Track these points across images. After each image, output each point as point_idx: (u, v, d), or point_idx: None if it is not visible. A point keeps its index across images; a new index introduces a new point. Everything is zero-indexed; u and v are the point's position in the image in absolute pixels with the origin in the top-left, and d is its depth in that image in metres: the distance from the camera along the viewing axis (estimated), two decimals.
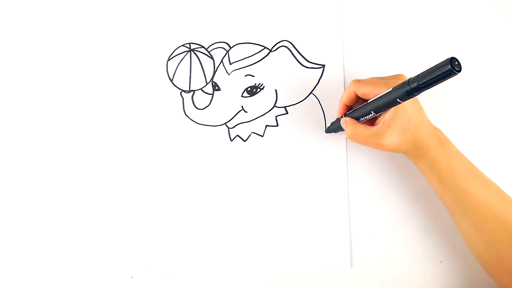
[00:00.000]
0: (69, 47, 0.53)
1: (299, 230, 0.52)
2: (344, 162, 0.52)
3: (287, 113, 0.53)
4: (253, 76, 0.53)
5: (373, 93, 0.43)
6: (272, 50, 0.53)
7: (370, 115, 0.44)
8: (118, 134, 0.53)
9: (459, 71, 0.33)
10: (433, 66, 0.35)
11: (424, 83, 0.36)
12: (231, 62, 0.53)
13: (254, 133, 0.53)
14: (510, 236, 0.43)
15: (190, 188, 0.52)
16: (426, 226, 0.46)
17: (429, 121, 0.45)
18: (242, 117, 0.53)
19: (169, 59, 0.53)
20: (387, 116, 0.43)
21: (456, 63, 0.33)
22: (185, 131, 0.53)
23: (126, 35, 0.53)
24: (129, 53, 0.53)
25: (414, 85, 0.37)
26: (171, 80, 0.53)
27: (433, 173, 0.45)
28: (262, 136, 0.53)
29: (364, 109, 0.44)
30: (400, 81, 0.41)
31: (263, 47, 0.53)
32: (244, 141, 0.53)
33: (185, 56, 0.53)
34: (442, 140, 0.45)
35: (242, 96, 0.53)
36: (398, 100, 0.39)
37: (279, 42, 0.53)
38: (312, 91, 0.53)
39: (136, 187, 0.52)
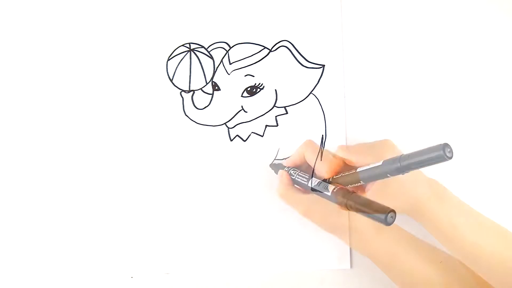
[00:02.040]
0: (69, 47, 0.53)
1: (299, 229, 0.52)
2: None
3: (287, 113, 0.53)
4: (253, 76, 0.53)
5: (360, 162, 0.43)
6: (272, 50, 0.53)
7: (359, 183, 0.43)
8: (118, 134, 0.53)
9: (451, 157, 0.34)
10: (426, 148, 0.35)
11: (415, 162, 0.36)
12: (231, 62, 0.53)
13: (254, 133, 0.53)
14: None
15: (190, 188, 0.52)
16: None
17: (424, 177, 0.44)
18: (242, 117, 0.53)
19: (169, 59, 0.53)
20: (377, 183, 0.42)
21: (449, 149, 0.33)
22: (185, 131, 0.53)
23: (126, 35, 0.53)
24: (129, 53, 0.53)
25: (405, 163, 0.37)
26: (171, 80, 0.53)
27: (436, 231, 0.44)
28: (262, 136, 0.53)
29: (352, 178, 0.43)
30: (386, 148, 0.41)
31: (263, 47, 0.53)
32: (244, 141, 0.53)
33: (185, 56, 0.53)
34: (439, 194, 0.44)
35: (242, 96, 0.53)
36: (388, 175, 0.39)
37: (279, 42, 0.53)
38: (312, 91, 0.53)
39: (136, 187, 0.52)
